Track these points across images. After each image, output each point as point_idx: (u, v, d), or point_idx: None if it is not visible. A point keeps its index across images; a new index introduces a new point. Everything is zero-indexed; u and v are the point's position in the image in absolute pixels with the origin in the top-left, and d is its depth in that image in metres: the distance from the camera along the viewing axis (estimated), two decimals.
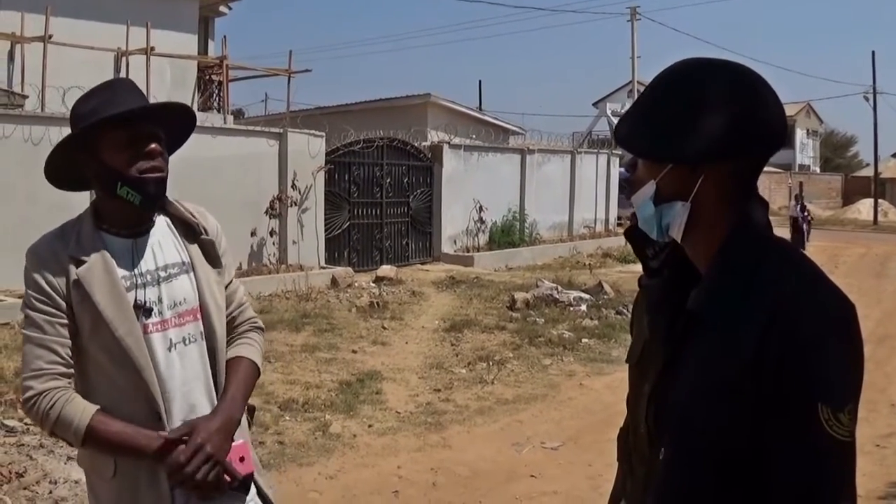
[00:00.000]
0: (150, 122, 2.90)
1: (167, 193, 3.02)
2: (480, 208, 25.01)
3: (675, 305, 2.08)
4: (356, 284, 18.32)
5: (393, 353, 12.45)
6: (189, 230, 3.11)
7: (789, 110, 66.15)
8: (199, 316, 3.03)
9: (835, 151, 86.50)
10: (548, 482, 7.53)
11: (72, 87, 15.66)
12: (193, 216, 3.12)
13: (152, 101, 3.05)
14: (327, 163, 20.16)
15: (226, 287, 3.22)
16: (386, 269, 19.70)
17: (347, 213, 21.10)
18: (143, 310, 2.88)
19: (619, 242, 27.40)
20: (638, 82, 44.84)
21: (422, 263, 22.94)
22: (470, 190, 24.61)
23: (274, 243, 18.89)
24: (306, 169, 19.55)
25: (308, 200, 19.57)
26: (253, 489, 3.03)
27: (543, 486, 7.42)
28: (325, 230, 20.23)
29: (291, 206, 19.16)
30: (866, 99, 58.51)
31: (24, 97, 17.99)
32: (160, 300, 2.94)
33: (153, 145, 2.88)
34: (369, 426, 8.97)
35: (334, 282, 18.07)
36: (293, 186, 19.19)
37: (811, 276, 1.89)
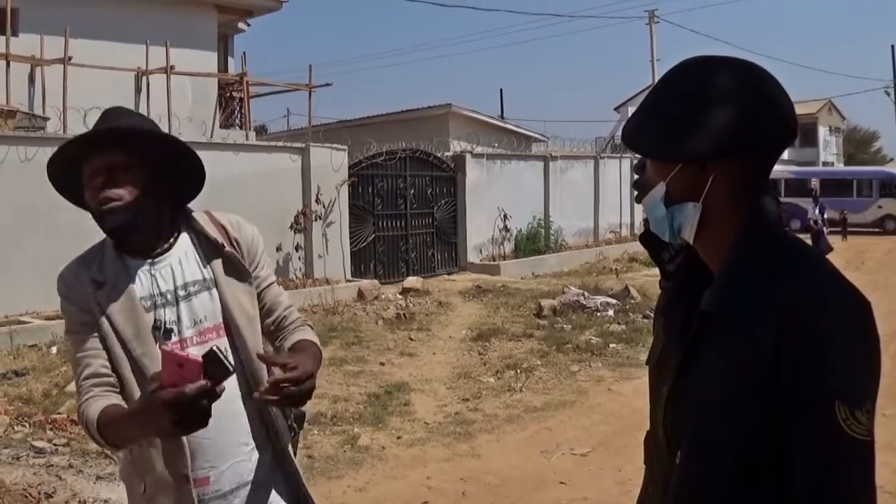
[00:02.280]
0: (104, 152, 2.88)
1: (192, 206, 3.04)
2: (505, 216, 24.99)
3: (689, 306, 2.07)
4: (383, 297, 18.31)
5: (420, 364, 12.45)
6: (212, 245, 3.08)
7: (811, 108, 65.84)
8: (221, 333, 3.01)
9: (858, 147, 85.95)
10: (577, 489, 7.50)
11: (92, 107, 15.76)
12: (222, 229, 3.11)
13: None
14: (350, 176, 20.19)
15: (266, 290, 3.22)
16: (412, 281, 19.69)
17: (372, 226, 21.12)
18: (163, 331, 2.90)
19: None
20: None
21: (448, 274, 22.93)
22: (494, 198, 24.58)
23: (299, 258, 18.93)
24: (330, 183, 19.59)
25: (332, 214, 19.61)
26: (274, 493, 3.06)
27: (573, 493, 7.39)
28: (351, 243, 20.26)
29: (316, 220, 19.21)
30: (887, 94, 58.31)
31: (46, 119, 18.10)
32: (179, 319, 2.94)
33: (99, 178, 2.88)
34: (398, 438, 8.97)
35: (361, 295, 18.07)
36: (317, 201, 19.22)
37: (825, 274, 1.86)
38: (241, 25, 27.91)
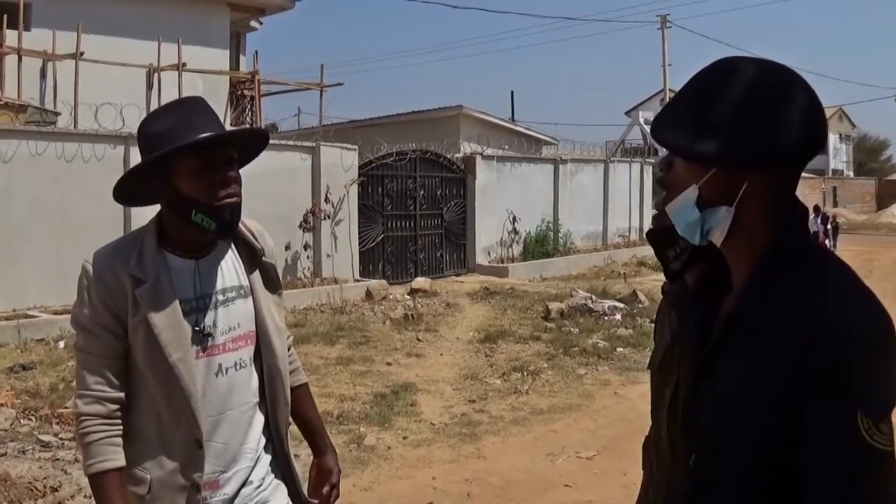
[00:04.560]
0: (225, 146, 2.85)
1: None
2: (514, 219, 24.96)
3: (705, 310, 2.06)
4: (391, 297, 18.31)
5: (427, 365, 12.45)
6: (252, 253, 3.06)
7: None
8: (252, 341, 3.01)
9: (868, 155, 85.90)
10: (582, 492, 7.49)
11: (104, 103, 15.87)
12: (255, 238, 3.09)
13: None
14: (360, 176, 20.22)
15: None
16: (420, 282, 19.70)
17: (381, 226, 21.13)
18: (202, 335, 2.86)
19: (653, 251, 27.26)
20: (670, 90, 44.67)
21: (456, 275, 22.91)
22: (503, 201, 24.57)
23: (308, 257, 18.94)
24: (339, 182, 19.62)
25: (341, 213, 19.64)
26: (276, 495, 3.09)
27: (578, 496, 7.39)
28: (359, 243, 20.28)
29: (325, 219, 19.24)
30: None
31: (57, 114, 18.16)
32: (215, 324, 2.91)
33: (230, 173, 2.85)
34: (404, 438, 8.96)
35: (369, 294, 18.08)
36: (326, 200, 19.26)
37: (851, 286, 1.85)
38: (253, 24, 27.97)
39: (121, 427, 2.83)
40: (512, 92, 71.56)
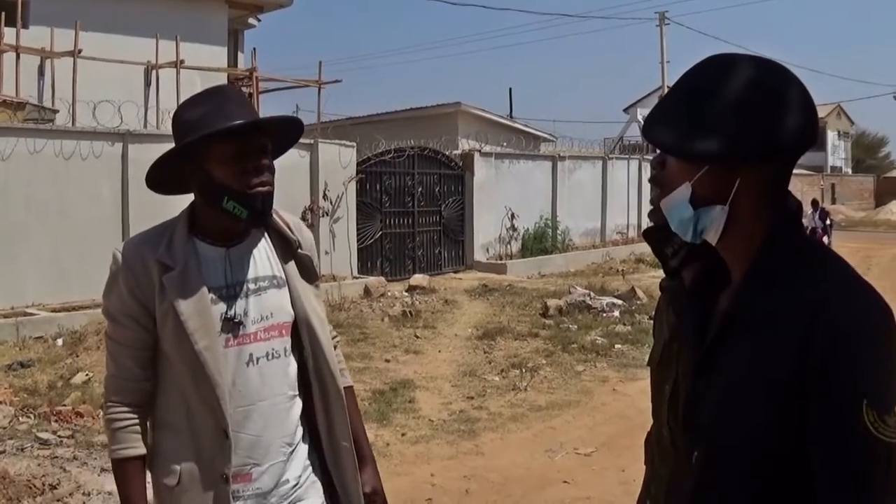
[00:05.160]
0: (259, 134, 2.84)
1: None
2: (512, 216, 24.98)
3: (702, 307, 2.06)
4: (389, 294, 18.33)
5: (426, 362, 12.46)
6: (286, 244, 3.05)
7: (820, 112, 65.38)
8: (287, 332, 2.97)
9: (866, 152, 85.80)
10: (581, 488, 7.50)
11: (102, 100, 15.86)
12: (291, 230, 3.09)
13: None
14: (358, 173, 20.25)
15: None
16: (419, 278, 19.68)
17: (379, 223, 21.17)
18: (231, 323, 2.84)
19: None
20: (668, 87, 44.49)
21: (454, 272, 22.94)
22: (501, 198, 24.59)
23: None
24: (338, 179, 19.66)
25: (340, 210, 19.66)
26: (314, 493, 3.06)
27: (576, 492, 7.40)
28: (358, 240, 20.31)
29: (323, 216, 19.25)
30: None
31: (55, 112, 18.12)
32: (246, 313, 2.88)
33: (263, 160, 2.84)
34: (402, 434, 8.97)
35: (367, 291, 18.07)
36: (324, 197, 19.28)
37: (850, 279, 1.85)
38: (251, 21, 27.91)
39: (144, 416, 2.86)
40: (510, 89, 72.10)
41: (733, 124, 1.84)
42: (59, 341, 12.60)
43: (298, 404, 3.02)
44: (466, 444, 8.68)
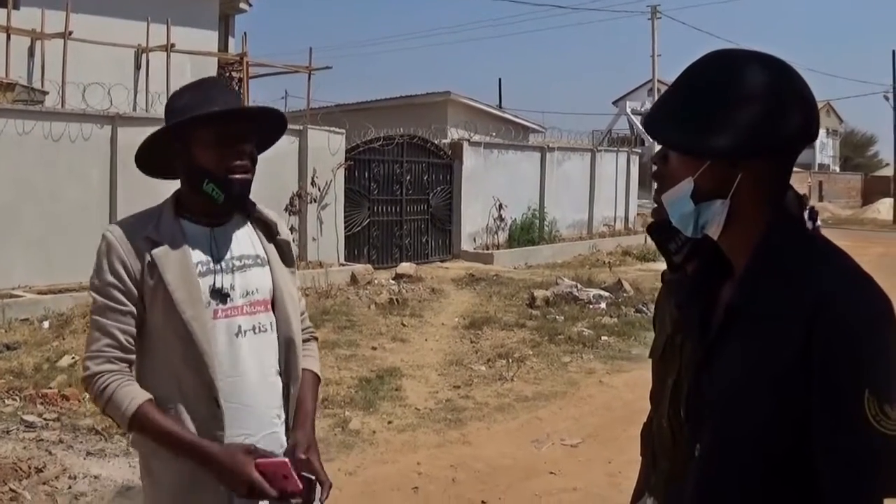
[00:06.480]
0: (242, 122, 2.99)
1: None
2: (500, 206, 24.98)
3: (705, 300, 2.07)
4: (376, 282, 18.29)
5: (412, 350, 12.46)
6: (267, 229, 3.23)
7: None
8: (269, 308, 3.11)
9: (855, 151, 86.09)
10: (567, 479, 7.51)
11: (92, 83, 15.82)
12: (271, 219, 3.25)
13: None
14: (347, 160, 20.22)
15: None
16: (405, 267, 19.62)
17: (367, 211, 21.15)
18: (219, 295, 2.98)
19: (638, 241, 27.40)
20: (658, 81, 44.78)
21: (441, 261, 22.94)
22: (490, 188, 24.59)
23: (294, 240, 18.79)
24: (326, 166, 19.62)
25: (328, 197, 19.63)
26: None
27: (563, 483, 7.41)
28: (345, 227, 20.30)
29: (311, 203, 19.23)
30: (886, 98, 58.31)
31: (45, 93, 18.05)
32: (233, 287, 3.02)
33: (243, 146, 2.98)
34: (389, 423, 8.97)
35: (354, 279, 18.04)
36: (313, 183, 19.26)
37: (851, 271, 1.87)
38: (242, 5, 27.83)
39: (133, 377, 2.91)
40: (500, 79, 72.24)
41: (737, 120, 1.86)
42: (46, 324, 12.57)
43: (278, 376, 3.14)
44: (453, 434, 8.68)
